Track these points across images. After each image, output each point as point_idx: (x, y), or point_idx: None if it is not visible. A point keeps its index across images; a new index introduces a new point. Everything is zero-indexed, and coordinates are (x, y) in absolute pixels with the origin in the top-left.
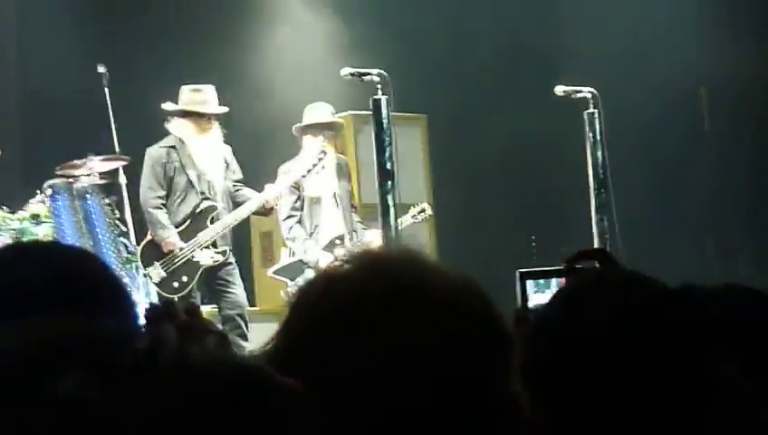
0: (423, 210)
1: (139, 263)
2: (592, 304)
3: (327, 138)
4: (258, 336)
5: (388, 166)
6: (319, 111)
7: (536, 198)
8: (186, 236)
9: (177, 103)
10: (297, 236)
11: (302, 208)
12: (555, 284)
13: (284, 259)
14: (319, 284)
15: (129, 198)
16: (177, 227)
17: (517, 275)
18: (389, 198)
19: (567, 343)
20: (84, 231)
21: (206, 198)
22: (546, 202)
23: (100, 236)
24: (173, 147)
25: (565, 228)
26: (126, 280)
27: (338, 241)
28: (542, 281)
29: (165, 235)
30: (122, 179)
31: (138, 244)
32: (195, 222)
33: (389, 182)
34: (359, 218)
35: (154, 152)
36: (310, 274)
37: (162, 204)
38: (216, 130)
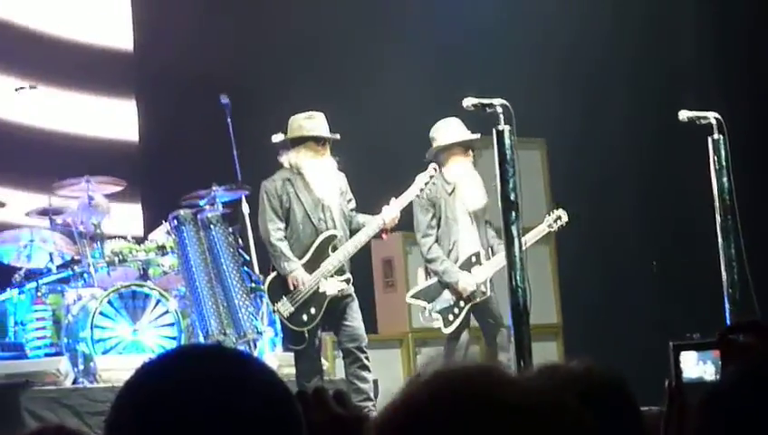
0: (559, 217)
1: (266, 295)
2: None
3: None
4: (380, 364)
5: (512, 197)
6: (458, 129)
7: (660, 220)
8: (309, 267)
9: (286, 135)
10: (437, 257)
11: (438, 227)
12: (710, 356)
13: (422, 282)
14: (398, 419)
15: (251, 228)
16: (299, 259)
17: (670, 346)
18: (514, 228)
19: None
20: (209, 261)
21: (324, 227)
22: (670, 226)
23: (224, 267)
24: (288, 179)
25: (690, 254)
26: (250, 309)
27: (474, 258)
28: (696, 352)
29: (290, 268)
30: (245, 209)
31: (261, 274)
32: (316, 252)
33: (514, 213)
34: (494, 233)
35: (269, 186)
36: (447, 296)
37: (284, 236)
38: (329, 157)
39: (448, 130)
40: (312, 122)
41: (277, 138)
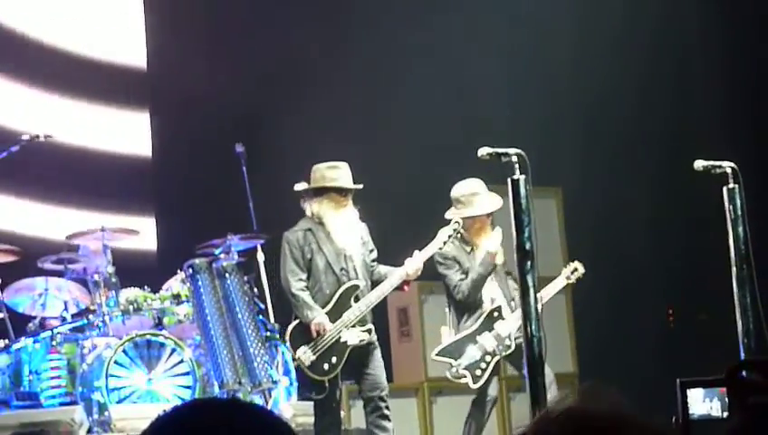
0: (575, 269)
1: (287, 344)
2: None
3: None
4: (396, 413)
5: (528, 246)
6: (488, 199)
7: (675, 268)
8: (331, 316)
9: (309, 183)
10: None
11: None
12: (717, 393)
13: (445, 338)
14: None
15: (267, 276)
16: (321, 309)
17: (678, 383)
18: (529, 278)
19: None
20: (224, 310)
21: (346, 277)
22: (686, 275)
23: (239, 316)
24: (309, 229)
25: (706, 303)
26: (266, 358)
27: (496, 313)
28: (703, 390)
29: (312, 316)
30: (260, 257)
31: (276, 323)
32: (339, 302)
33: (529, 263)
34: (516, 285)
35: (291, 236)
36: (473, 351)
37: (305, 286)
38: (351, 207)
39: (479, 200)
40: (335, 172)
41: (300, 186)
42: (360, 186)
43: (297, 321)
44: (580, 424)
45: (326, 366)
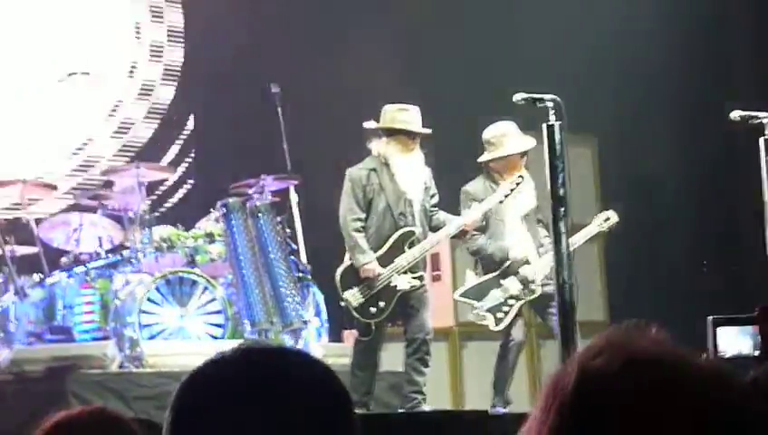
0: (608, 218)
1: (337, 284)
2: None
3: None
4: None
5: (561, 193)
6: (519, 138)
7: (709, 219)
8: (383, 260)
9: (378, 123)
10: (483, 255)
11: (487, 227)
12: (750, 331)
13: (470, 280)
14: (572, 381)
15: (300, 217)
16: (374, 252)
17: (709, 321)
18: (562, 224)
19: None
20: (256, 250)
21: (404, 222)
22: (720, 225)
23: (271, 256)
24: (374, 169)
25: (739, 252)
26: (297, 298)
27: (521, 257)
28: (734, 327)
29: (364, 260)
30: (293, 198)
31: (308, 263)
32: (393, 247)
33: (562, 209)
34: (546, 232)
35: (355, 174)
36: (496, 293)
37: (362, 226)
38: (418, 151)
39: (510, 139)
40: (406, 115)
41: (369, 125)
42: (429, 130)
43: (349, 262)
44: (628, 356)
45: (373, 310)
